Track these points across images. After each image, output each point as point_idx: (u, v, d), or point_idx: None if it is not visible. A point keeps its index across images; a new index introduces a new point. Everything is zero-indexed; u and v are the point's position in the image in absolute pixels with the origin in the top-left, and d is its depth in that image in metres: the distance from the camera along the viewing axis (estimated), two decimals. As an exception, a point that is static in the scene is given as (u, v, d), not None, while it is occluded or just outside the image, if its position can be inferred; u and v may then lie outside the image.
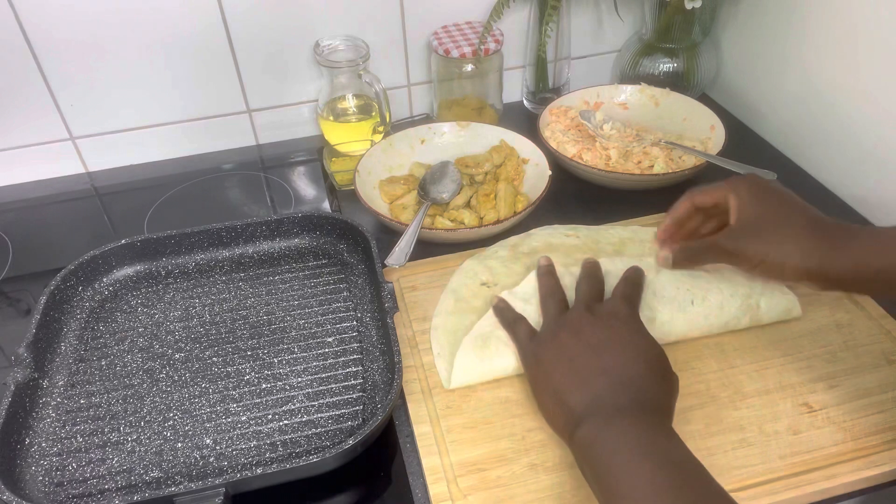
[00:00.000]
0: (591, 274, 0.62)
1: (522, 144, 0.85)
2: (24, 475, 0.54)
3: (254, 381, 0.62)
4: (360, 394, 0.60)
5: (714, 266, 0.63)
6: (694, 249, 0.62)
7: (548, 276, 0.63)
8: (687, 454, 0.44)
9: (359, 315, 0.68)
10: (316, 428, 0.57)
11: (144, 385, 0.62)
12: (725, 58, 1.00)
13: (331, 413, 0.59)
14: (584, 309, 0.56)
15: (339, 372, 0.62)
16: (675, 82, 0.98)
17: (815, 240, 0.54)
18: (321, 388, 0.61)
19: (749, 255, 0.56)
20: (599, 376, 0.50)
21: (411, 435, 0.57)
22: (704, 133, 0.87)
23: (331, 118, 0.92)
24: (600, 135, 0.86)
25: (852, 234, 0.54)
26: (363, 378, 0.61)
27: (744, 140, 0.94)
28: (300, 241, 0.76)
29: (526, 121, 0.98)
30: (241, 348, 0.65)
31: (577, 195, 0.84)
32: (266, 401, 0.60)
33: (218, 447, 0.56)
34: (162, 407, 0.60)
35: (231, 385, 0.61)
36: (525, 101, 1.04)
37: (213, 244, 0.75)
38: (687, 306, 0.62)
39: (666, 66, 0.98)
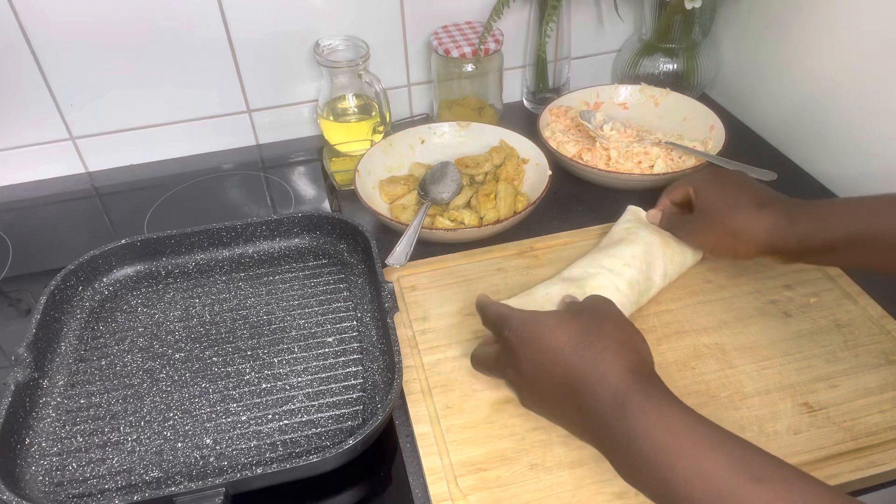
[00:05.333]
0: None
1: (522, 144, 0.85)
2: (24, 475, 0.54)
3: (254, 380, 0.62)
4: (360, 394, 0.60)
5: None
6: (671, 221, 0.68)
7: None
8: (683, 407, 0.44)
9: (359, 315, 0.68)
10: (316, 428, 0.58)
11: (144, 385, 0.62)
12: (725, 58, 1.00)
13: (331, 413, 0.59)
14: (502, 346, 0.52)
15: (339, 372, 0.62)
16: (675, 82, 0.98)
17: (767, 214, 0.58)
18: (321, 388, 0.61)
19: (703, 240, 0.64)
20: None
21: (411, 435, 0.57)
22: (704, 133, 0.88)
23: (331, 118, 0.92)
24: (600, 135, 0.86)
25: (806, 204, 0.58)
26: (363, 378, 0.61)
27: (744, 140, 0.94)
28: (300, 241, 0.76)
29: (526, 121, 0.98)
30: (241, 348, 0.65)
31: (577, 195, 0.84)
32: (266, 401, 0.60)
33: (218, 447, 0.56)
34: (162, 407, 0.60)
35: (231, 385, 0.61)
36: (525, 101, 1.04)
37: (213, 244, 0.75)
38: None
39: (666, 66, 0.98)
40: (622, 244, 0.65)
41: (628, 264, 0.63)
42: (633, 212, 0.71)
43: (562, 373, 0.47)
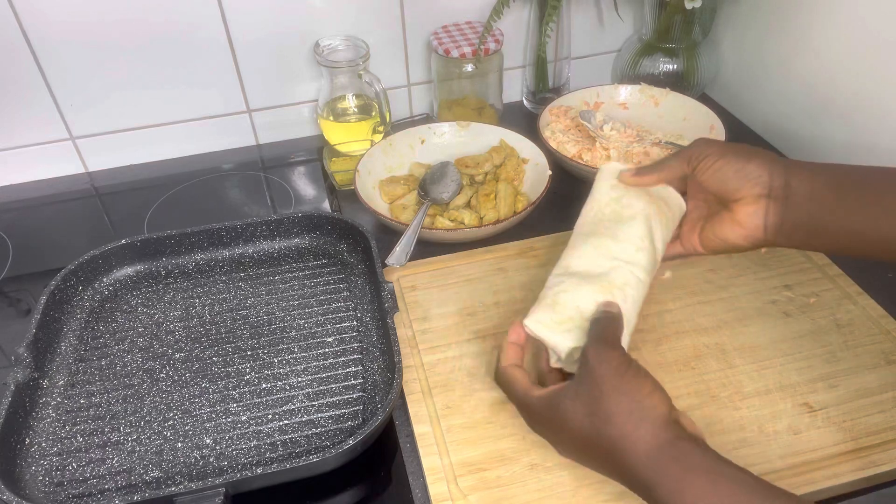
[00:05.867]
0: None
1: (522, 144, 0.85)
2: (24, 475, 0.54)
3: (254, 380, 0.62)
4: (360, 394, 0.60)
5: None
6: (657, 162, 0.59)
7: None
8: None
9: (359, 315, 0.68)
10: (316, 428, 0.57)
11: (144, 385, 0.62)
12: (725, 58, 1.00)
13: (331, 413, 0.59)
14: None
15: (339, 372, 0.62)
16: (675, 82, 0.98)
17: (779, 158, 0.54)
18: (321, 387, 0.61)
19: (712, 151, 0.55)
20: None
21: (411, 435, 0.57)
22: (704, 133, 0.88)
23: (331, 118, 0.92)
24: (600, 135, 0.86)
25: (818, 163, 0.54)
26: (363, 378, 0.61)
27: (744, 140, 0.93)
28: (300, 241, 0.76)
29: (526, 121, 0.98)
30: (241, 348, 0.65)
31: (577, 195, 0.83)
32: (266, 401, 0.60)
33: (218, 447, 0.56)
34: (162, 407, 0.60)
35: (231, 385, 0.61)
36: (525, 101, 1.04)
37: (213, 244, 0.75)
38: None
39: (666, 66, 0.98)
40: (623, 224, 0.57)
41: (640, 248, 0.56)
42: (611, 173, 0.61)
43: (589, 450, 0.46)
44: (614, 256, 0.56)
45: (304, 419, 0.58)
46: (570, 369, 0.52)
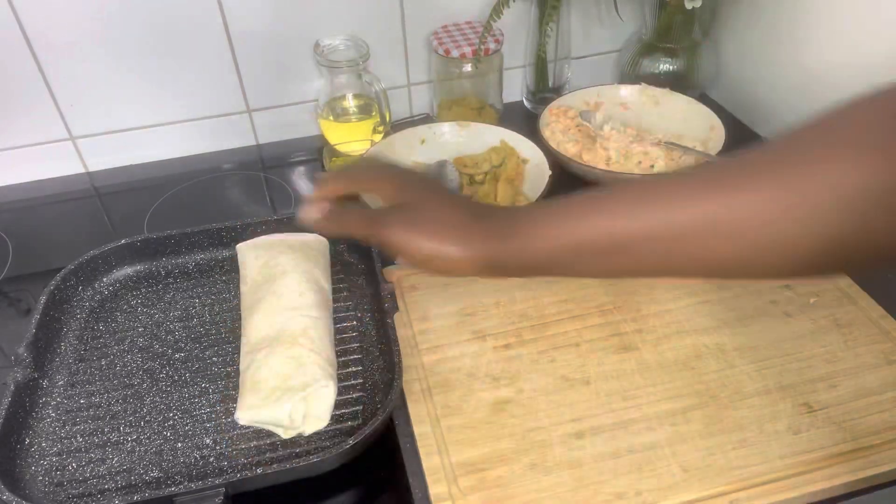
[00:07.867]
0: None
1: (522, 144, 0.85)
2: (24, 475, 0.54)
3: (254, 381, 0.61)
4: (360, 394, 0.60)
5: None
6: (345, 218, 0.51)
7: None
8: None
9: (359, 315, 0.68)
10: (316, 428, 0.57)
11: (144, 385, 0.62)
12: (725, 58, 1.00)
13: (331, 413, 0.59)
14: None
15: (339, 372, 0.62)
16: (675, 82, 0.97)
17: (477, 227, 0.46)
18: (321, 388, 0.61)
19: (397, 242, 0.47)
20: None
21: (411, 435, 0.57)
22: (704, 133, 0.87)
23: (331, 118, 0.92)
24: (600, 135, 0.86)
25: (520, 213, 0.48)
26: (363, 378, 0.61)
27: (744, 140, 0.94)
28: (300, 241, 0.76)
29: (526, 121, 0.98)
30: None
31: (577, 195, 0.84)
32: (266, 401, 0.60)
33: (218, 447, 0.56)
34: (162, 407, 0.60)
35: (231, 385, 0.61)
36: (525, 101, 1.04)
37: (213, 244, 0.75)
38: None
39: (666, 66, 0.98)
40: (277, 280, 0.61)
41: (301, 293, 0.61)
42: (249, 247, 0.69)
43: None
44: (283, 310, 0.60)
45: (304, 419, 0.58)
46: None
